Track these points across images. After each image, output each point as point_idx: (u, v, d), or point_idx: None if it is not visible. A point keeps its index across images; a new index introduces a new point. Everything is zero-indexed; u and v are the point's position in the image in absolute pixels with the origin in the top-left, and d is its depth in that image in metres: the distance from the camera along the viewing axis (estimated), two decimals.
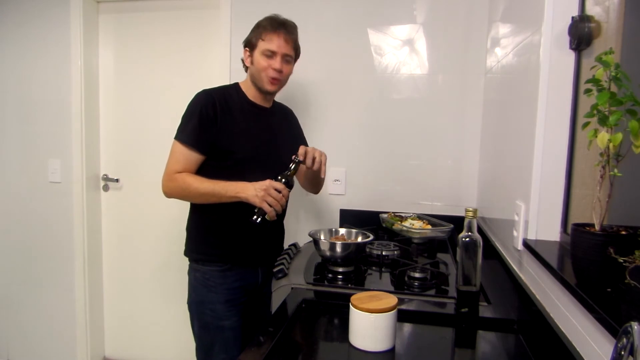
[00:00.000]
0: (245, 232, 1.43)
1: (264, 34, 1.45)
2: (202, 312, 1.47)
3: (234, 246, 1.48)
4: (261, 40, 1.45)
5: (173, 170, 1.42)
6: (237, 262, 1.48)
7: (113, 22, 2.40)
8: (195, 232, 1.52)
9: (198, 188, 1.39)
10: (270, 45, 1.44)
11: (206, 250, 1.49)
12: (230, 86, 1.56)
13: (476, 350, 1.04)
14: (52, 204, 2.43)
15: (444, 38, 1.97)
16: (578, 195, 1.00)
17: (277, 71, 1.46)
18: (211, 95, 1.46)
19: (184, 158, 1.42)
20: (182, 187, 1.40)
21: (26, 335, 2.55)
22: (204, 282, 1.46)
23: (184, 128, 1.43)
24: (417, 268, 1.37)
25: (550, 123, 1.01)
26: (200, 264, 1.48)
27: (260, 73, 1.46)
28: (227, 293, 1.46)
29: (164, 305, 2.42)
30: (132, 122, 2.41)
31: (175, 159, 1.44)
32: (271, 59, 1.45)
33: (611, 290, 0.70)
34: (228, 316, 1.46)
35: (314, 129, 2.07)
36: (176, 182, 1.41)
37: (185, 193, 1.42)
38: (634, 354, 0.48)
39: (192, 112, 1.43)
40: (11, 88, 2.44)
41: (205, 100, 1.44)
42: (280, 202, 1.32)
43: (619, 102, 0.69)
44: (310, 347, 1.03)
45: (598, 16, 0.95)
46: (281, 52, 1.45)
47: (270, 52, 1.45)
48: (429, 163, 2.02)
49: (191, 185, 1.39)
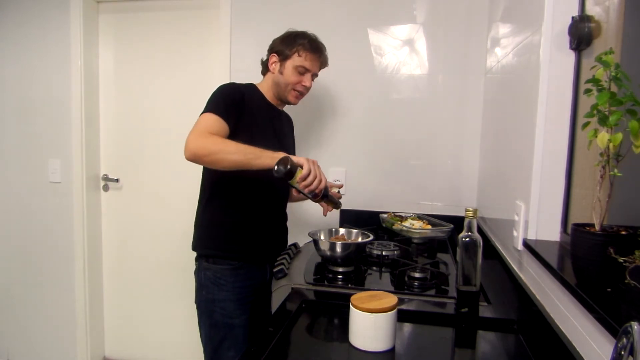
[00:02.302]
0: (257, 227, 1.48)
1: (303, 51, 1.50)
2: (212, 310, 1.47)
3: (248, 242, 1.49)
4: (297, 56, 1.50)
5: (206, 129, 1.33)
6: (249, 259, 1.50)
7: (113, 22, 2.40)
8: (210, 227, 1.52)
9: (231, 143, 1.29)
10: (306, 63, 1.51)
11: (221, 246, 1.49)
12: (249, 85, 1.57)
13: (476, 350, 1.04)
14: (52, 204, 2.43)
15: (444, 38, 1.97)
16: (578, 195, 1.00)
17: (307, 88, 1.54)
18: (238, 87, 1.49)
19: (215, 124, 1.35)
20: (216, 141, 1.30)
21: (26, 335, 2.55)
22: (214, 281, 1.47)
23: (211, 104, 1.40)
24: (417, 268, 1.37)
25: (550, 123, 1.01)
26: (211, 262, 1.48)
27: (288, 86, 1.52)
28: (238, 291, 1.47)
29: (164, 305, 2.42)
30: (132, 122, 2.41)
31: (207, 123, 1.35)
32: (303, 76, 1.52)
33: (611, 290, 0.70)
34: (238, 314, 1.47)
35: (314, 129, 2.07)
36: (208, 137, 1.30)
37: (219, 146, 1.29)
38: (634, 354, 0.48)
39: (221, 94, 1.44)
40: (11, 88, 2.44)
41: (235, 89, 1.47)
42: (322, 181, 1.30)
43: (619, 102, 0.69)
44: (310, 347, 1.03)
45: (598, 16, 0.95)
46: (313, 71, 1.54)
47: (304, 69, 1.51)
48: (429, 163, 2.02)
49: (225, 140, 1.31)
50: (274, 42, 1.57)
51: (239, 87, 1.49)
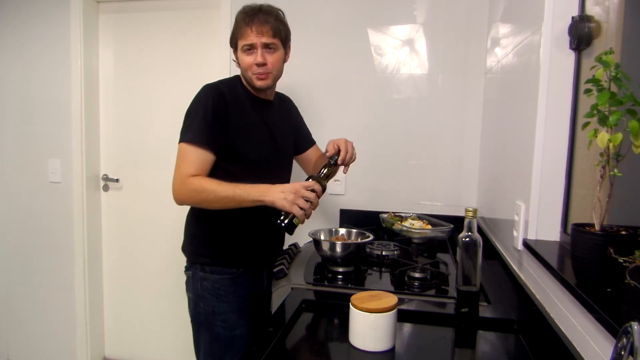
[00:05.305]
0: (256, 233, 1.39)
1: (239, 30, 1.33)
2: (212, 323, 1.38)
3: (246, 248, 1.41)
4: (239, 38, 1.34)
5: (186, 174, 1.27)
6: (248, 265, 1.42)
7: (113, 22, 2.40)
8: (207, 235, 1.41)
9: (216, 191, 1.24)
10: (245, 40, 1.32)
11: (221, 254, 1.39)
12: (233, 80, 1.45)
13: (476, 350, 1.04)
14: (52, 204, 2.43)
15: (444, 38, 1.97)
16: (578, 195, 1.00)
17: (261, 65, 1.33)
18: (219, 89, 1.33)
19: (196, 159, 1.28)
20: (198, 191, 1.26)
21: (26, 335, 2.55)
22: (213, 292, 1.37)
23: (191, 127, 1.29)
24: (417, 268, 1.37)
25: (550, 123, 1.01)
26: (208, 272, 1.38)
27: (247, 71, 1.35)
28: (239, 301, 1.40)
29: (164, 305, 2.42)
30: (132, 122, 2.41)
31: (187, 161, 1.29)
32: (251, 54, 1.33)
33: (611, 290, 0.70)
34: (239, 325, 1.39)
35: (314, 129, 2.07)
36: (191, 186, 1.27)
37: (202, 198, 1.27)
38: (634, 354, 0.48)
39: (199, 108, 1.30)
40: (11, 88, 2.44)
41: (215, 95, 1.31)
42: (314, 204, 1.22)
43: (619, 102, 0.69)
44: (310, 347, 1.03)
45: (598, 16, 0.95)
46: (260, 43, 1.32)
47: (248, 46, 1.32)
48: (429, 163, 2.02)
49: (208, 189, 1.25)
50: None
51: (217, 92, 1.32)
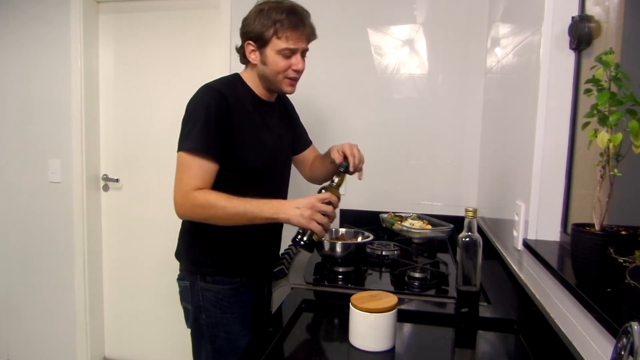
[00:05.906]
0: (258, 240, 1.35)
1: (282, 31, 1.21)
2: (215, 335, 1.31)
3: (248, 256, 1.35)
4: (276, 38, 1.22)
5: (189, 187, 1.17)
6: (250, 274, 1.36)
7: (113, 22, 2.40)
8: (208, 244, 1.32)
9: (226, 208, 1.15)
10: (289, 44, 1.23)
11: (223, 264, 1.32)
12: (233, 79, 1.33)
13: (476, 350, 1.04)
14: (52, 204, 2.43)
15: (444, 38, 1.97)
16: (578, 195, 1.00)
17: (300, 71, 1.27)
18: (220, 91, 1.22)
19: (199, 170, 1.18)
20: (205, 207, 1.16)
21: (26, 336, 2.54)
22: (216, 303, 1.30)
23: (191, 134, 1.19)
24: (417, 268, 1.37)
25: (550, 123, 1.01)
26: (210, 282, 1.30)
27: (278, 75, 1.26)
28: (242, 311, 1.34)
29: (164, 305, 2.42)
30: (132, 122, 2.41)
31: (188, 172, 1.18)
32: (290, 59, 1.25)
33: (611, 290, 0.70)
34: (243, 335, 1.33)
35: (314, 129, 2.06)
36: (196, 201, 1.17)
37: (210, 214, 1.17)
38: (634, 354, 0.48)
39: (200, 112, 1.19)
40: (11, 88, 2.44)
41: (216, 98, 1.21)
42: (332, 216, 1.16)
43: (619, 102, 0.69)
44: (310, 347, 1.03)
45: (598, 16, 0.95)
46: (301, 48, 1.26)
47: (290, 51, 1.24)
48: (429, 163, 2.02)
49: (216, 205, 1.15)
50: (246, 24, 1.27)
51: (222, 95, 1.22)
